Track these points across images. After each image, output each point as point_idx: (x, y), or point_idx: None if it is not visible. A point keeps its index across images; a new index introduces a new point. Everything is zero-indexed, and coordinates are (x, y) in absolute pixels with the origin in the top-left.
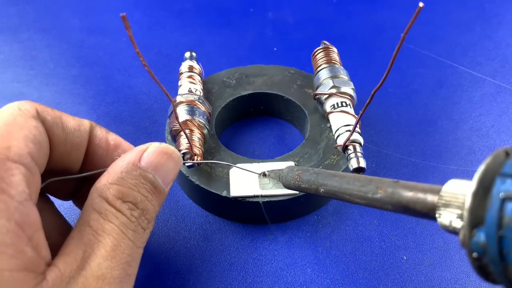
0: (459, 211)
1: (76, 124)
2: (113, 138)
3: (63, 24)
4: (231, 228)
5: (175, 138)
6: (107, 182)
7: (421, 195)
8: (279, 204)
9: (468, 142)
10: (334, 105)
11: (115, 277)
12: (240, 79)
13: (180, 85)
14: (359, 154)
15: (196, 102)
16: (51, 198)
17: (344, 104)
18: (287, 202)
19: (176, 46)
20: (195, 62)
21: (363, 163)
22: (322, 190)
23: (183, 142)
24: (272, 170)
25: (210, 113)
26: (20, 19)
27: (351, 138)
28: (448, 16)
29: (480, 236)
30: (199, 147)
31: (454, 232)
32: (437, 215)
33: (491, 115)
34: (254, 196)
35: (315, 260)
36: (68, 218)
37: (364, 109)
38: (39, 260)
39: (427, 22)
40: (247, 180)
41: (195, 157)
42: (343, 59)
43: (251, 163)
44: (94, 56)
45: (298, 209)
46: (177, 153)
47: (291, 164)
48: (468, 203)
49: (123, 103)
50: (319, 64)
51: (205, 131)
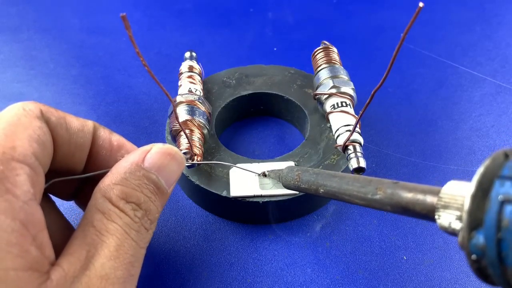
0: (458, 213)
1: (80, 124)
2: (116, 139)
3: (63, 24)
4: (231, 228)
5: (175, 138)
6: (110, 182)
7: (420, 196)
8: (279, 204)
9: (468, 142)
10: (334, 105)
11: (118, 277)
12: (240, 79)
13: (180, 85)
14: (359, 154)
15: (196, 102)
16: (53, 198)
17: (344, 104)
18: (287, 202)
19: (176, 46)
20: (195, 62)
21: (363, 163)
22: (321, 190)
23: (183, 142)
24: (272, 170)
25: (210, 113)
26: (20, 19)
27: (351, 138)
28: (448, 16)
29: (479, 238)
30: (199, 147)
31: (453, 233)
32: (436, 217)
33: (491, 115)
34: (254, 196)
35: (315, 260)
36: (69, 218)
37: (364, 109)
38: (44, 260)
39: (427, 22)
40: (247, 180)
41: (195, 157)
42: (343, 59)
43: (251, 163)
44: (94, 56)
45: (298, 209)
46: (180, 154)
47: (291, 164)
48: (467, 205)
49: (123, 103)
50: (319, 64)
51: (205, 131)
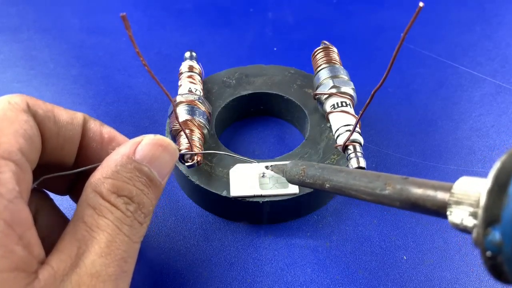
0: (471, 209)
1: (69, 117)
2: (107, 131)
3: (63, 24)
4: (231, 228)
5: (175, 138)
6: (101, 176)
7: (431, 192)
8: (279, 204)
9: (468, 142)
10: (334, 105)
11: (110, 274)
12: (240, 79)
13: (180, 85)
14: (359, 154)
15: (196, 102)
16: (50, 194)
17: (344, 104)
18: (287, 202)
19: (176, 46)
20: (195, 62)
21: (363, 163)
22: (327, 185)
23: (183, 142)
24: (275, 165)
25: (210, 113)
26: (20, 19)
27: (351, 138)
28: (448, 16)
29: (495, 235)
30: (199, 147)
31: (464, 230)
32: (448, 213)
33: (491, 115)
34: (254, 196)
35: (315, 260)
36: (70, 215)
37: (364, 109)
38: (31, 259)
39: (427, 22)
40: (247, 180)
41: (195, 157)
42: (343, 59)
43: (251, 163)
44: (94, 56)
45: (298, 209)
46: (173, 145)
47: None
48: (483, 200)
49: (123, 103)
50: (319, 64)
51: (205, 131)
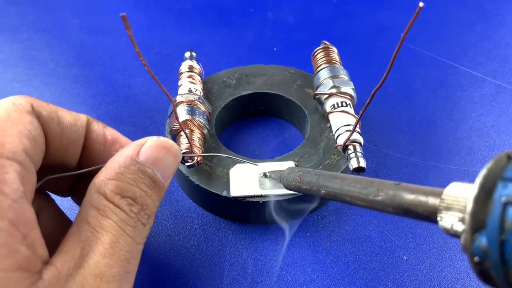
0: (460, 215)
1: (73, 118)
2: (110, 133)
3: (63, 24)
4: (231, 228)
5: (175, 138)
6: (105, 177)
7: (422, 198)
8: (279, 204)
9: (468, 142)
10: (334, 105)
11: (113, 274)
12: (240, 79)
13: (180, 85)
14: (359, 154)
15: (196, 102)
16: (52, 195)
17: (344, 104)
18: (287, 202)
19: (176, 46)
20: (195, 62)
21: (363, 163)
22: (323, 191)
23: (183, 142)
24: (273, 171)
25: (210, 113)
26: (20, 19)
27: (351, 138)
28: (448, 16)
29: (482, 240)
30: (199, 147)
31: (455, 235)
32: (438, 218)
33: (491, 115)
34: (254, 196)
35: (315, 260)
36: (71, 216)
37: (364, 109)
38: (35, 259)
39: (427, 22)
40: (247, 180)
41: (195, 157)
42: (343, 59)
43: (253, 164)
44: (94, 56)
45: (298, 209)
46: (176, 147)
47: (291, 164)
48: (469, 207)
49: (123, 103)
50: (319, 64)
51: (205, 131)
